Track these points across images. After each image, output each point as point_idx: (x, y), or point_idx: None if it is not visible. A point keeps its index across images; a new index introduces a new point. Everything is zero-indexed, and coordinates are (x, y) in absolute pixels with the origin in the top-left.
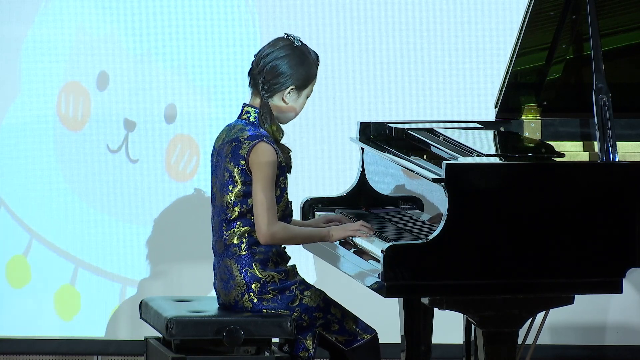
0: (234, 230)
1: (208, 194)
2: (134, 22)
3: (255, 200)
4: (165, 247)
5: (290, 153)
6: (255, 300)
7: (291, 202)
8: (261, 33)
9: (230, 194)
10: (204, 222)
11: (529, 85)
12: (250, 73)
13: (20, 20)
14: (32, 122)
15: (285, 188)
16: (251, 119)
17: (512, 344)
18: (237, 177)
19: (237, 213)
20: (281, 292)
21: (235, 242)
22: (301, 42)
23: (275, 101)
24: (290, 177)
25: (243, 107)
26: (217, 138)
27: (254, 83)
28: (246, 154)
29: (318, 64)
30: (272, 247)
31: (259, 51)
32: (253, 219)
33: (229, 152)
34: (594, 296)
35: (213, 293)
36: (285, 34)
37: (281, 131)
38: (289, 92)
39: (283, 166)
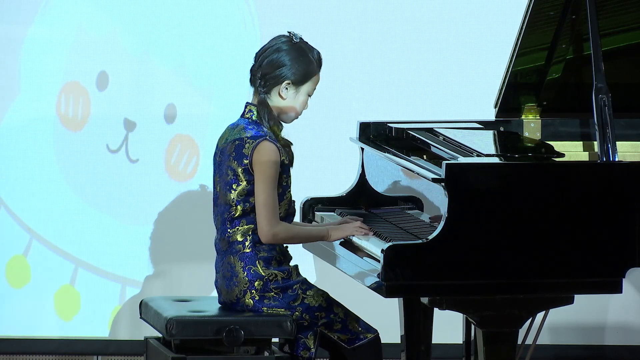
0: (237, 228)
1: (208, 193)
2: (134, 22)
3: (257, 200)
4: (165, 247)
5: (292, 146)
6: (257, 298)
7: (294, 201)
8: (261, 33)
9: (233, 192)
10: (204, 222)
11: (529, 85)
12: (250, 70)
13: (20, 20)
14: (32, 122)
15: (288, 186)
16: (254, 117)
17: (512, 344)
18: (241, 175)
19: (240, 211)
20: (283, 290)
21: (240, 239)
22: (301, 39)
23: (273, 97)
24: (290, 176)
25: (246, 106)
26: (220, 137)
27: (252, 79)
28: (250, 153)
29: (320, 63)
30: (276, 246)
31: (260, 48)
32: (256, 217)
33: (233, 150)
34: (594, 296)
35: (213, 293)
36: (288, 32)
37: (280, 125)
38: (285, 87)
39: (286, 164)
